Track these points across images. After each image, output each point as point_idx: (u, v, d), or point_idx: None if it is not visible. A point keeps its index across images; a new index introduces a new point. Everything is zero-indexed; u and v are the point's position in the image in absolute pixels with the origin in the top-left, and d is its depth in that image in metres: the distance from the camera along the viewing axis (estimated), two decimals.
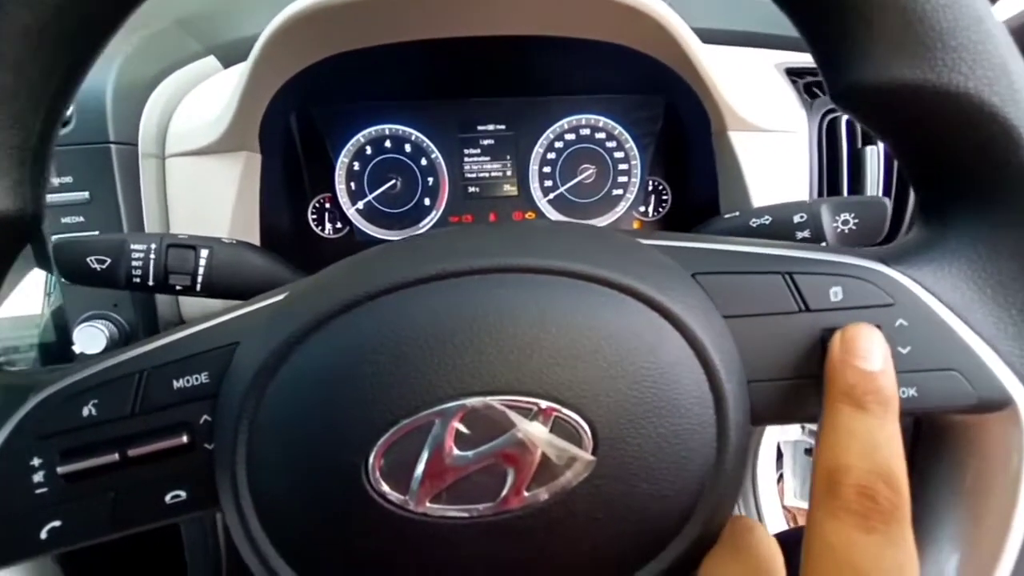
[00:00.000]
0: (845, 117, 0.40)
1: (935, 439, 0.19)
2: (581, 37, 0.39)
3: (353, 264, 0.19)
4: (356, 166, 0.51)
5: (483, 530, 0.15)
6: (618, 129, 0.50)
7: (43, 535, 0.17)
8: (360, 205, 0.52)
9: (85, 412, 0.17)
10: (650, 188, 0.51)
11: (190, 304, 0.40)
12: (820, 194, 0.39)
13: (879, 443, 0.14)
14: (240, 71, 0.35)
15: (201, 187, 0.39)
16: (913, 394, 0.17)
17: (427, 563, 0.15)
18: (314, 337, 0.16)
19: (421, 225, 0.52)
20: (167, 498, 0.17)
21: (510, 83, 0.48)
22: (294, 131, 0.47)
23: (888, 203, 0.26)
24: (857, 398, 0.15)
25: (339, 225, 0.53)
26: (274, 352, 0.16)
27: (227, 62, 0.45)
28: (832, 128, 0.40)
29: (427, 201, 0.52)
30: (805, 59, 0.44)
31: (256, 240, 0.42)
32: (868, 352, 0.16)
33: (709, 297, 0.17)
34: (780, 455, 1.06)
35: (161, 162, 0.39)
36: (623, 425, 0.15)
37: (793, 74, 0.42)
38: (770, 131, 0.38)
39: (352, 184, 0.51)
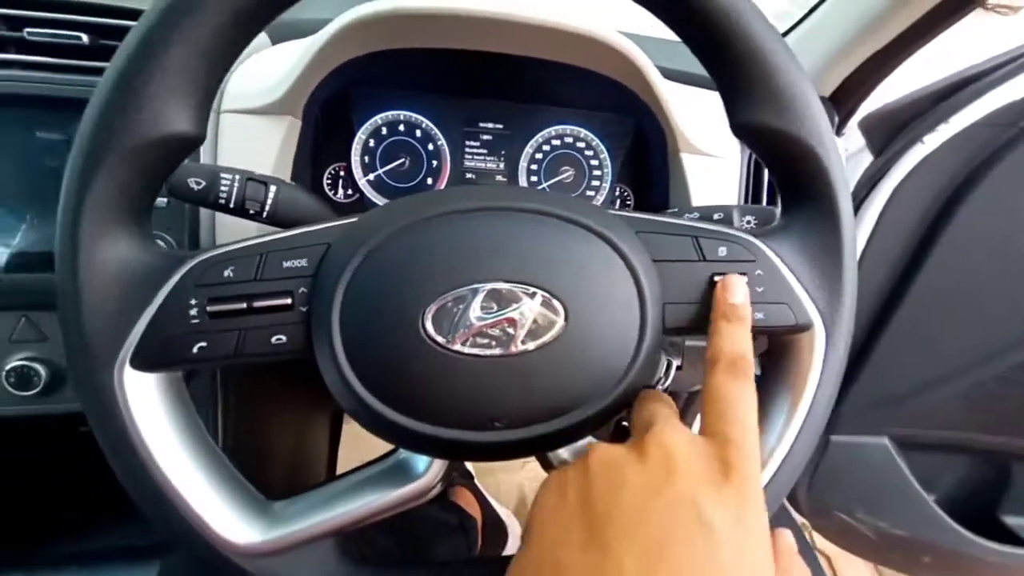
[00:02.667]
0: None
1: (775, 350, 0.30)
2: (567, 63, 0.49)
3: (410, 201, 0.27)
4: (371, 143, 0.59)
5: (493, 365, 0.24)
6: (595, 141, 0.60)
7: (194, 351, 0.25)
8: (371, 177, 0.60)
9: (225, 273, 0.25)
10: (617, 193, 0.62)
11: (225, 231, 0.46)
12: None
13: (741, 340, 0.25)
14: (300, 47, 0.43)
15: (249, 142, 0.46)
16: (762, 317, 0.27)
17: (457, 384, 0.25)
18: (394, 238, 0.25)
19: None
20: (272, 340, 0.25)
21: (509, 89, 0.58)
22: (328, 105, 0.55)
23: (777, 211, 0.37)
24: (729, 316, 0.26)
25: (350, 192, 0.61)
26: (367, 248, 0.25)
27: (275, 39, 0.52)
28: (758, 161, 0.52)
29: (429, 181, 0.61)
30: None
31: None
32: (736, 291, 0.26)
33: (644, 246, 0.27)
34: None
35: (216, 116, 0.46)
36: (584, 309, 0.25)
37: None
38: (712, 155, 0.50)
39: (366, 158, 0.59)
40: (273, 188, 0.36)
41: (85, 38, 0.39)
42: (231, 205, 0.34)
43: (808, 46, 0.56)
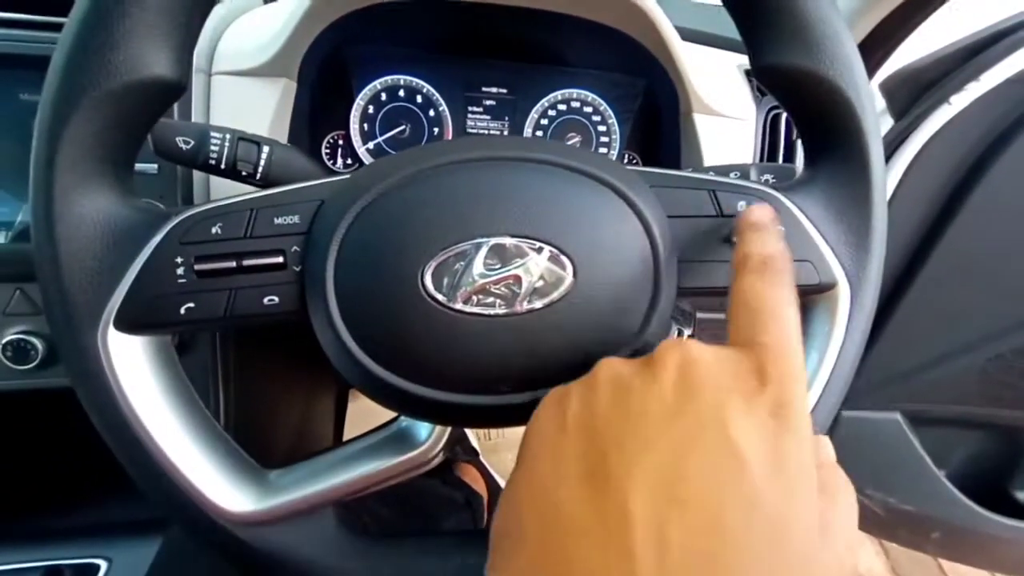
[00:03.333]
0: (784, 114, 0.49)
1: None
2: (577, 15, 0.46)
3: (409, 153, 0.26)
4: (371, 109, 0.57)
5: (497, 325, 0.23)
6: (603, 105, 0.58)
7: (182, 312, 0.23)
8: (370, 145, 0.58)
9: (213, 230, 0.24)
10: (625, 160, 0.60)
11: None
12: None
13: (773, 242, 0.22)
14: (292, 4, 0.41)
15: (242, 104, 0.44)
16: None
17: (458, 345, 0.23)
18: (392, 191, 0.24)
19: None
20: (264, 300, 0.24)
21: (514, 48, 0.55)
22: (325, 68, 0.52)
23: (797, 169, 0.35)
24: (757, 227, 0.23)
25: (349, 161, 0.59)
26: (362, 202, 0.23)
27: None
28: (775, 121, 0.49)
29: None
30: None
31: None
32: (761, 212, 0.23)
33: (659, 201, 0.25)
34: None
35: (208, 77, 0.44)
36: (594, 265, 0.23)
37: (749, 75, 0.51)
38: (726, 116, 0.47)
39: (365, 125, 0.57)
40: (266, 148, 0.34)
41: None
42: (222, 166, 0.33)
43: None
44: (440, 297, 0.23)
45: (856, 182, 0.26)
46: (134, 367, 0.24)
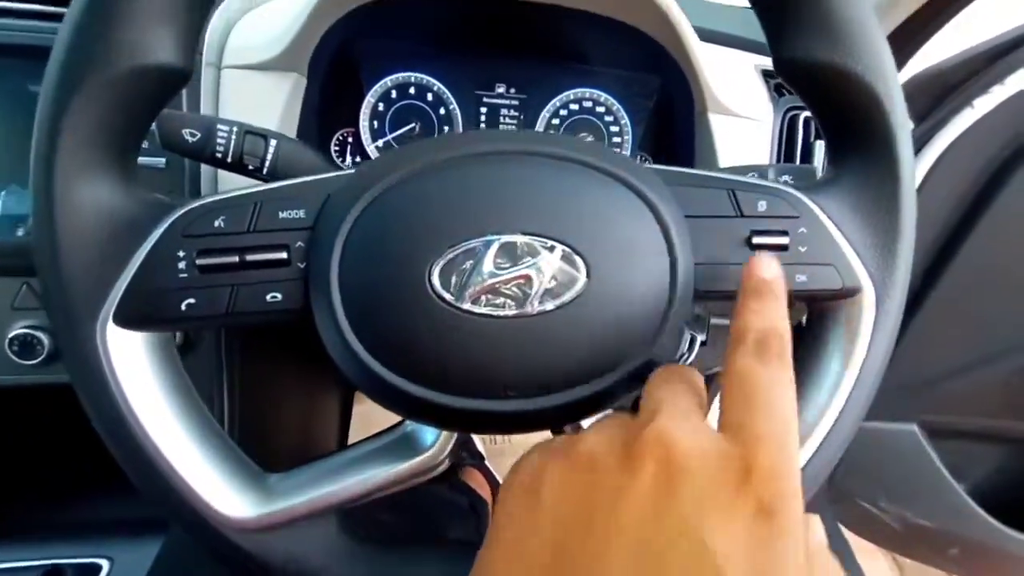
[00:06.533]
0: (803, 114, 0.48)
1: (816, 318, 0.27)
2: (592, 11, 0.45)
3: (419, 145, 0.25)
4: (381, 107, 0.56)
5: (506, 327, 0.22)
6: (616, 105, 0.57)
7: (182, 308, 0.22)
8: (380, 143, 0.57)
9: (216, 223, 0.23)
10: (638, 160, 0.59)
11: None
12: None
13: (774, 315, 0.20)
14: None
15: (251, 98, 0.44)
16: (804, 279, 0.25)
17: (466, 347, 0.22)
18: (399, 186, 0.23)
19: None
20: (267, 297, 0.23)
21: (526, 45, 0.54)
22: (335, 63, 0.52)
23: (817, 170, 0.34)
24: (759, 290, 0.21)
25: (358, 159, 0.58)
26: (369, 197, 0.23)
27: None
28: (792, 122, 0.48)
29: None
30: None
31: None
32: (767, 265, 0.21)
33: (677, 200, 0.24)
34: None
35: (218, 71, 0.44)
36: (608, 265, 0.22)
37: (767, 75, 0.50)
38: (742, 117, 0.46)
39: (375, 123, 0.57)
40: (273, 142, 0.33)
41: None
42: (228, 159, 0.32)
43: None
44: (448, 296, 0.22)
45: (884, 182, 0.24)
46: (133, 364, 0.23)
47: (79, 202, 0.21)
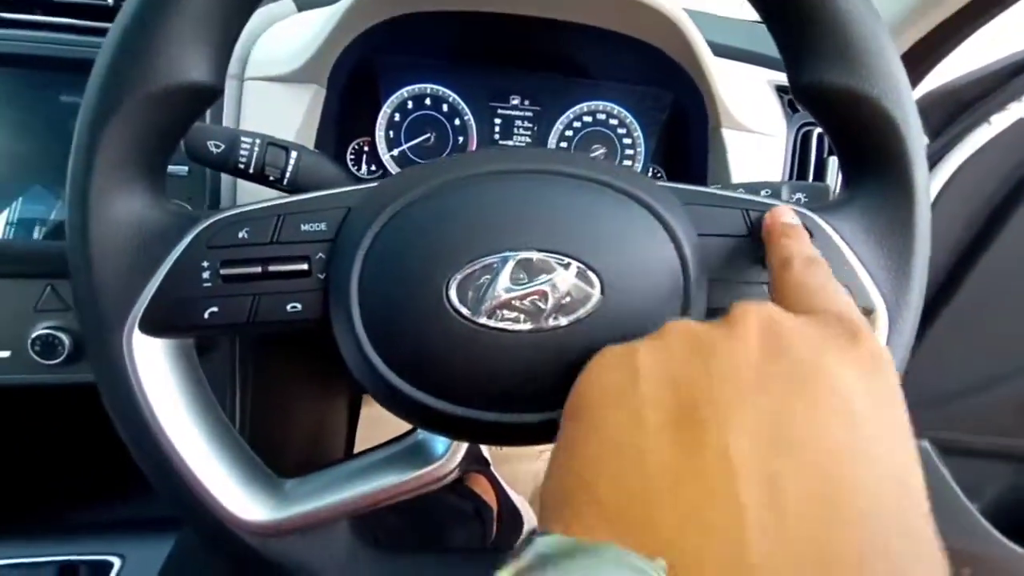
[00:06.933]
0: (816, 130, 0.48)
1: None
2: (606, 27, 0.46)
3: (440, 163, 0.25)
4: (397, 117, 0.57)
5: (521, 341, 0.22)
6: (629, 118, 0.57)
7: (206, 316, 0.23)
8: (395, 152, 0.58)
9: (240, 235, 0.24)
10: (650, 173, 0.59)
11: (248, 201, 0.45)
12: None
13: (811, 246, 0.22)
14: (325, 12, 0.41)
15: (272, 109, 0.45)
16: None
17: (482, 359, 0.23)
18: (419, 202, 0.23)
19: None
20: (288, 307, 0.24)
21: (542, 59, 0.55)
22: (354, 75, 0.53)
23: (831, 188, 0.34)
24: (788, 232, 0.23)
25: (373, 168, 0.59)
26: (390, 212, 0.23)
27: (301, 6, 0.51)
28: (806, 138, 0.48)
29: None
30: None
31: None
32: (785, 213, 0.24)
33: (691, 218, 0.25)
34: None
35: (241, 83, 0.45)
36: (622, 282, 0.23)
37: (780, 91, 0.50)
38: (756, 132, 0.46)
39: (391, 132, 0.58)
40: (294, 154, 0.34)
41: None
42: (251, 170, 0.33)
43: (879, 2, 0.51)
44: (465, 311, 0.22)
45: (899, 206, 0.24)
46: (156, 369, 0.24)
47: (112, 215, 0.22)
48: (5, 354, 0.46)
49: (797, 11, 0.23)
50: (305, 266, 0.24)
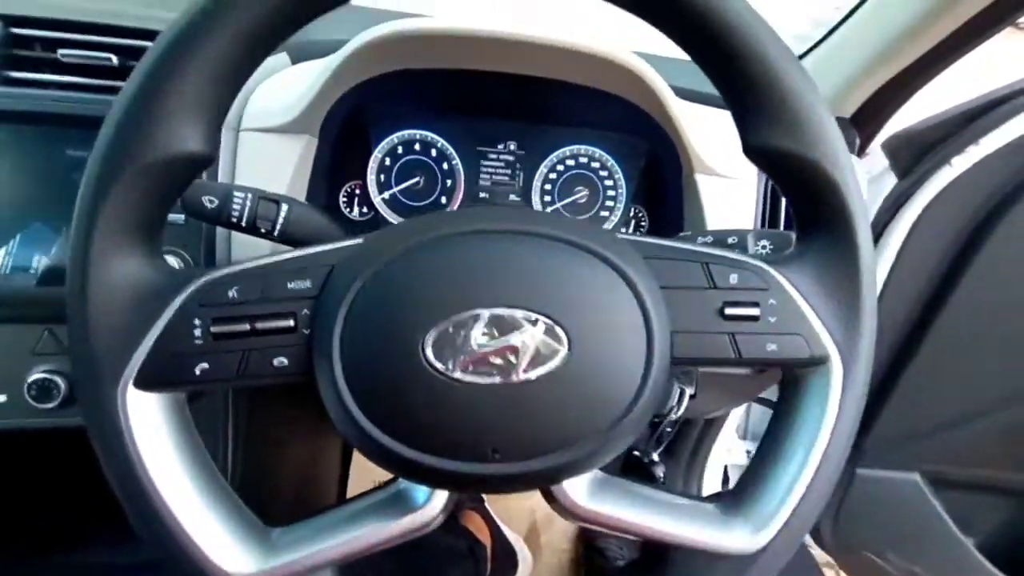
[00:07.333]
0: None
1: (790, 383, 0.29)
2: (578, 83, 0.49)
3: (416, 222, 0.27)
4: (387, 161, 0.60)
5: (496, 393, 0.24)
6: (610, 161, 0.60)
7: (197, 372, 0.24)
8: (386, 195, 0.60)
9: (230, 294, 0.25)
10: (631, 213, 0.61)
11: (241, 249, 0.47)
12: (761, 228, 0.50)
13: None
14: (318, 67, 0.44)
15: (266, 160, 0.47)
16: (775, 348, 0.26)
17: (455, 413, 0.24)
18: (396, 262, 0.25)
19: None
20: (274, 362, 0.25)
21: (524, 108, 0.58)
22: (345, 124, 0.56)
23: (793, 236, 0.36)
24: None
25: (365, 210, 0.61)
26: (370, 271, 0.25)
27: (295, 59, 0.54)
28: None
29: (443, 200, 0.61)
30: None
31: None
32: None
33: (652, 272, 0.26)
34: (726, 480, 1.15)
35: (236, 134, 0.47)
36: (588, 337, 0.24)
37: None
38: (727, 177, 0.49)
39: (382, 176, 0.60)
40: (284, 207, 0.36)
41: (115, 59, 0.41)
42: (243, 223, 0.35)
43: (829, 66, 0.55)
44: (440, 366, 0.23)
45: (845, 260, 0.26)
46: (148, 422, 0.25)
47: (110, 277, 0.24)
48: (1, 398, 0.47)
49: (739, 78, 0.25)
50: (291, 322, 0.25)
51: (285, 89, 0.49)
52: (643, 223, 0.62)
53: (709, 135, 0.49)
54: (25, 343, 0.46)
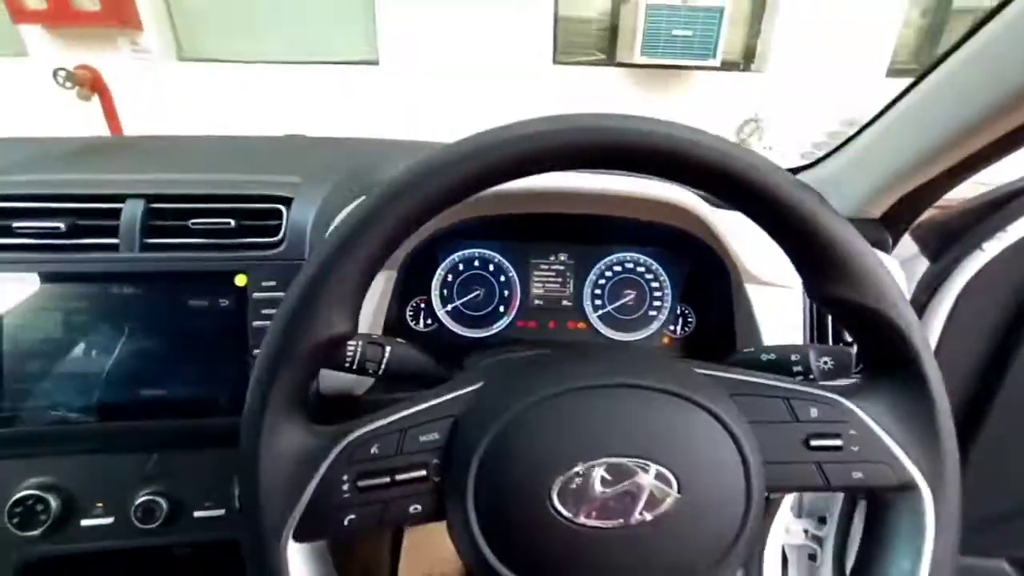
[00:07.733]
0: None
1: (881, 510, 0.31)
2: (631, 218, 0.55)
3: (526, 374, 0.31)
4: (450, 277, 0.66)
5: (615, 538, 0.26)
6: (656, 266, 0.65)
7: (345, 522, 0.28)
8: (449, 308, 0.66)
9: (372, 450, 0.29)
10: (679, 312, 0.65)
11: (328, 376, 0.51)
12: (811, 333, 0.53)
13: None
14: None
15: None
16: (861, 476, 0.29)
17: (581, 555, 0.27)
18: (519, 418, 0.29)
19: (495, 327, 0.66)
20: (410, 509, 0.29)
21: (576, 234, 0.64)
22: (416, 254, 0.62)
23: (853, 352, 0.39)
24: None
25: (429, 322, 0.66)
26: (494, 427, 0.28)
27: None
28: None
29: (501, 308, 0.66)
30: None
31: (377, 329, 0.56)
32: None
33: (740, 409, 0.30)
34: (785, 560, 1.09)
35: None
36: (695, 480, 0.27)
37: None
38: (775, 285, 0.53)
39: (444, 291, 0.66)
40: (388, 348, 0.41)
41: (232, 222, 0.48)
42: (354, 367, 0.39)
43: (861, 168, 0.59)
44: (567, 513, 0.27)
45: (918, 395, 0.29)
46: (303, 571, 0.28)
47: (277, 446, 0.28)
48: (108, 520, 0.50)
49: (813, 250, 0.29)
50: (424, 472, 0.29)
51: None
52: (690, 320, 0.65)
53: (753, 245, 0.53)
54: (136, 469, 0.50)
